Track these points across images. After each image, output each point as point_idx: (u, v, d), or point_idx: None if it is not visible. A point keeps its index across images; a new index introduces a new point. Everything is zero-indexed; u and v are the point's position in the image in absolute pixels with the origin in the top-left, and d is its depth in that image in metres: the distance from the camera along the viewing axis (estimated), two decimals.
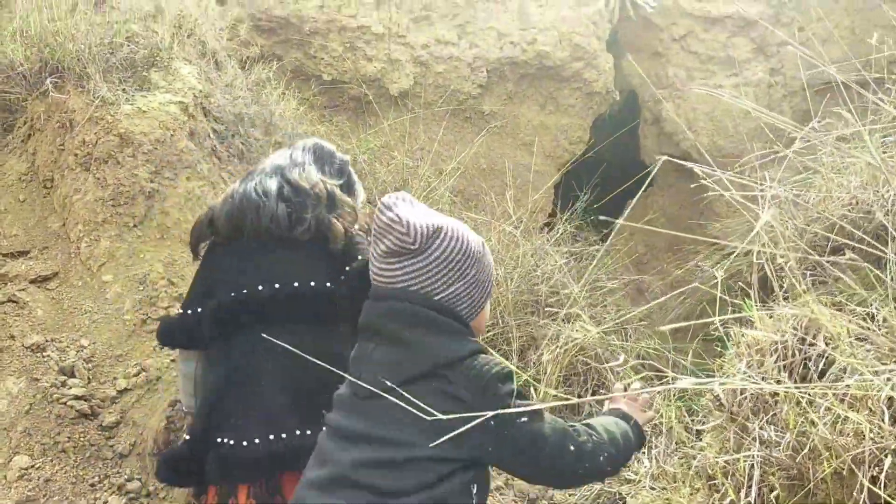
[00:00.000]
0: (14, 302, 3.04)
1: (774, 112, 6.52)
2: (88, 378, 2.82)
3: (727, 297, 4.34)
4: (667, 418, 2.76)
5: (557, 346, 3.57)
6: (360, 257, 2.06)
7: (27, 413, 2.61)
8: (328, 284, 2.06)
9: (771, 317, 2.08)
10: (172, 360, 2.92)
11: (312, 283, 2.05)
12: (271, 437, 1.91)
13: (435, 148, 5.52)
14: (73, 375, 2.76)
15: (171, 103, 3.60)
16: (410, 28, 5.96)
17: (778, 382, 1.83)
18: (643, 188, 3.32)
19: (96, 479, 2.54)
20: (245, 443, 1.92)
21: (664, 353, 3.81)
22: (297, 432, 1.93)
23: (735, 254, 4.07)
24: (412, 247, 1.58)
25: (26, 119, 3.63)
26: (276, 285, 2.02)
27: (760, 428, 1.76)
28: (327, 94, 5.69)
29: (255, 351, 1.99)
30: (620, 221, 2.49)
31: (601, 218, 3.10)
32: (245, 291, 2.03)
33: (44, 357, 2.79)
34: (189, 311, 2.13)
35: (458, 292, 1.63)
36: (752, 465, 1.68)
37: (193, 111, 3.70)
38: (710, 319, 2.09)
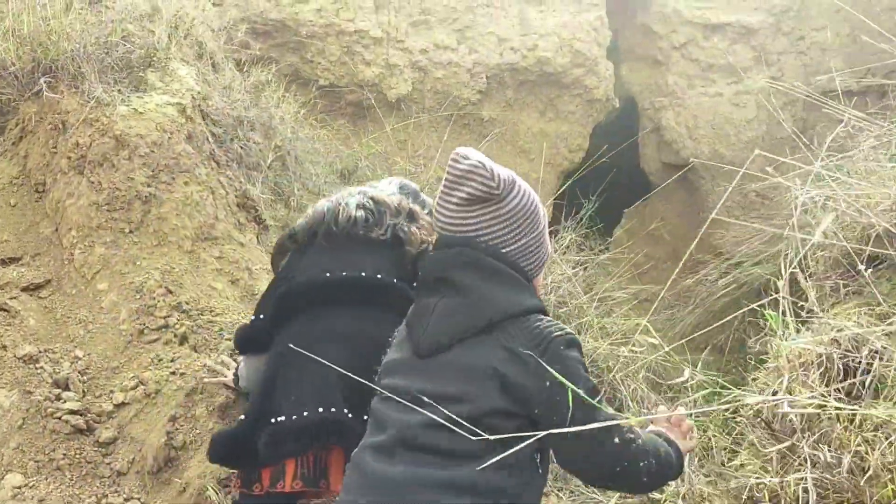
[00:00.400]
0: (5, 311, 2.89)
1: (774, 120, 6.50)
2: (83, 391, 2.67)
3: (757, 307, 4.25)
4: (706, 436, 2.65)
5: None
6: None
7: (20, 428, 2.47)
8: (395, 281, 2.13)
9: (809, 329, 1.98)
10: (172, 373, 2.78)
11: (379, 276, 2.12)
12: (320, 409, 1.92)
13: (433, 154, 5.42)
14: (67, 388, 2.61)
15: (169, 105, 3.47)
16: (409, 33, 5.87)
17: (823, 397, 1.73)
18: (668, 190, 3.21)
19: (93, 498, 2.39)
20: (294, 416, 1.94)
21: (681, 364, 3.70)
22: (346, 410, 1.95)
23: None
24: (496, 192, 1.56)
25: (18, 121, 3.49)
26: (343, 273, 2.10)
27: (813, 448, 1.65)
28: (324, 99, 5.57)
29: (312, 332, 2.04)
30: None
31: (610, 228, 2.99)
32: (312, 277, 2.11)
33: (37, 369, 2.65)
34: (261, 316, 2.23)
35: (527, 246, 1.62)
36: (806, 488, 1.57)
37: (191, 113, 3.57)
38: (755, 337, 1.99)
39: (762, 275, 4.25)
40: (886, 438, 1.56)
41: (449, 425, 1.46)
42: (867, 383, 1.72)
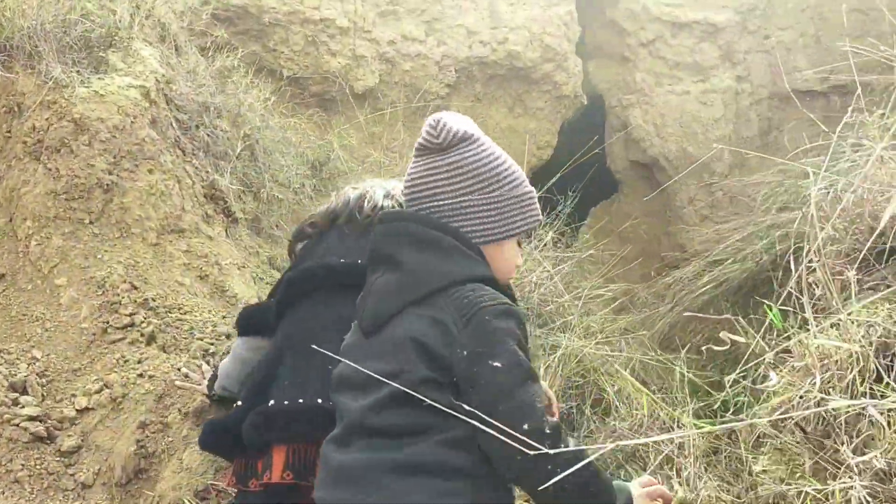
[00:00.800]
0: None
1: (741, 120, 6.52)
2: (43, 395, 2.44)
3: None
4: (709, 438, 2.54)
5: (555, 357, 3.35)
6: None
7: None
8: None
9: (834, 326, 1.89)
10: (139, 376, 2.57)
11: None
12: (319, 400, 1.81)
13: (402, 150, 5.26)
14: (25, 392, 2.38)
15: (132, 87, 3.24)
16: (376, 23, 5.69)
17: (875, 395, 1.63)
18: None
19: None
20: (287, 402, 1.83)
21: (669, 364, 3.62)
22: None
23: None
24: (435, 141, 1.52)
25: None
26: (359, 261, 1.94)
27: (861, 453, 1.55)
28: (287, 89, 5.35)
29: (319, 318, 1.94)
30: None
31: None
32: (325, 262, 2.00)
33: None
34: (272, 299, 2.13)
35: (470, 206, 1.51)
36: (856, 497, 1.46)
37: (155, 97, 3.34)
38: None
39: (742, 272, 4.21)
40: None
41: (392, 401, 1.40)
42: None
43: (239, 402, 1.98)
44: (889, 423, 1.54)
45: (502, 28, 5.88)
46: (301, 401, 1.83)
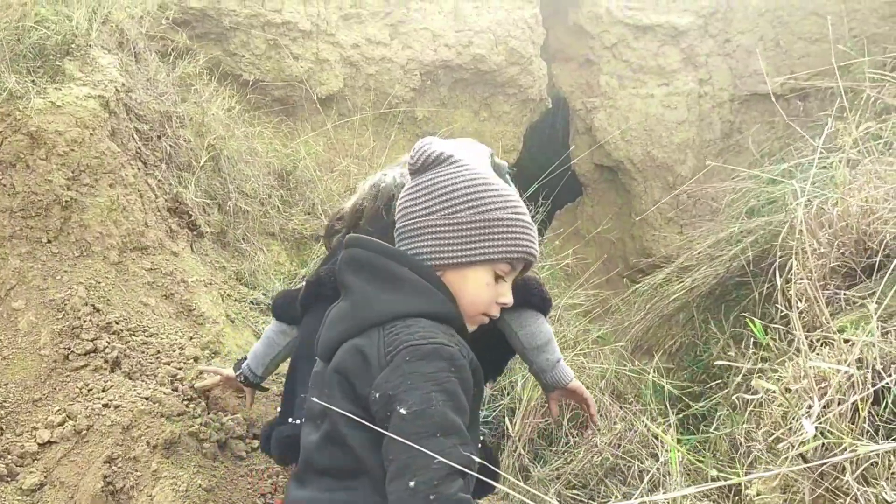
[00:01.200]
0: None
1: (704, 122, 6.57)
2: (2, 429, 2.30)
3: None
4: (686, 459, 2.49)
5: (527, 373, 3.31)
6: None
7: None
8: None
9: (826, 345, 1.86)
10: (105, 405, 2.44)
11: None
12: None
13: (369, 155, 5.16)
14: None
15: (90, 98, 3.09)
16: (340, 26, 5.57)
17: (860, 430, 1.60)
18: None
19: None
20: (300, 421, 1.81)
21: (644, 373, 3.60)
22: None
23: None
24: (412, 164, 1.52)
25: None
26: None
27: (865, 483, 1.52)
28: (251, 95, 5.21)
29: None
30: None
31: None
32: (332, 267, 1.91)
33: None
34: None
35: (429, 226, 1.44)
36: None
37: (115, 107, 3.20)
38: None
39: (713, 278, 4.21)
40: None
41: (328, 440, 1.37)
42: None
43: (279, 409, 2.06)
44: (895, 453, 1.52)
45: (467, 31, 5.82)
46: None
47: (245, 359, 2.38)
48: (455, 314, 1.44)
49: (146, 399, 2.44)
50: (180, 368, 2.65)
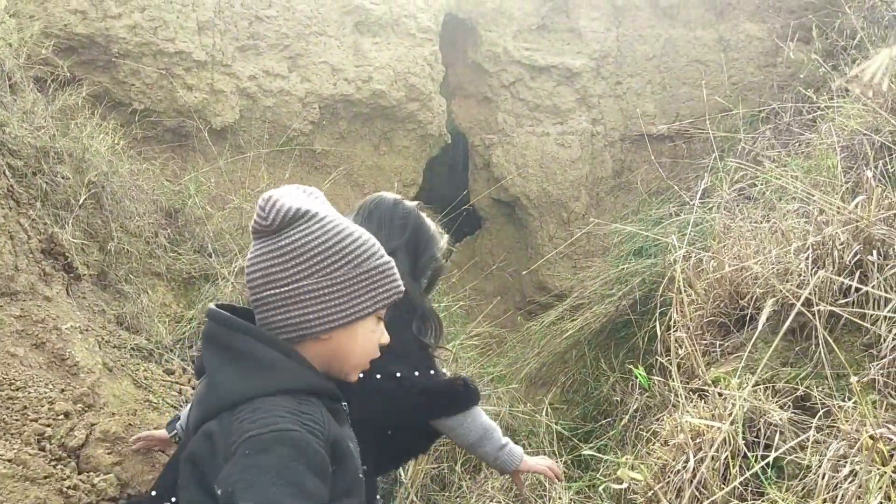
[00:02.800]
0: None
1: (596, 161, 6.79)
2: None
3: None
4: None
5: None
6: None
7: None
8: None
9: (700, 396, 1.93)
10: None
11: None
12: None
13: (259, 189, 5.05)
14: None
15: None
16: (236, 57, 5.47)
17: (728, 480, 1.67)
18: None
19: None
20: None
21: (536, 415, 3.64)
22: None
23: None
24: (264, 223, 1.40)
25: None
26: None
27: None
28: (140, 124, 5.02)
29: None
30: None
31: None
32: None
33: None
34: None
35: (308, 291, 1.38)
36: None
37: None
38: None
39: (603, 316, 4.33)
40: None
41: None
42: (771, 462, 1.69)
43: None
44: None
45: (367, 67, 5.82)
46: None
47: (178, 418, 2.33)
48: (317, 383, 1.38)
49: (9, 461, 2.27)
50: (49, 425, 2.48)
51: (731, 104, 5.64)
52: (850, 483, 1.51)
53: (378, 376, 1.98)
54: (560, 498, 2.96)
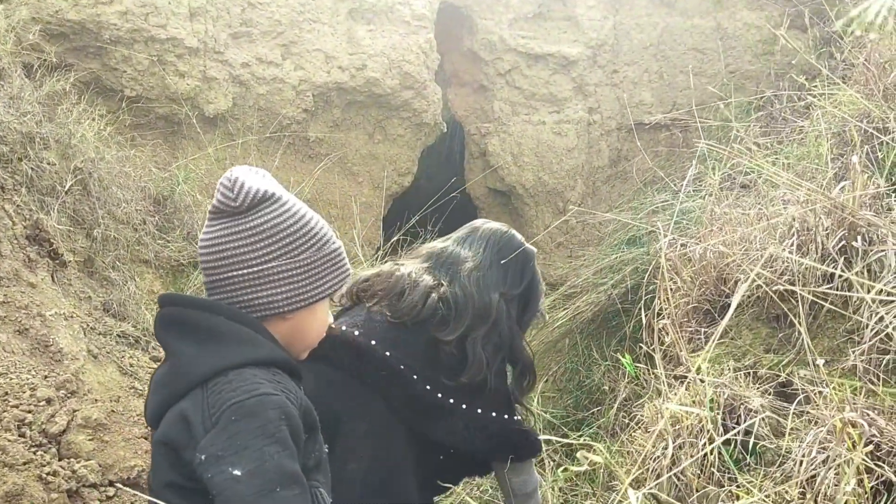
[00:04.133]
0: None
1: (593, 150, 6.76)
2: None
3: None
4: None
5: None
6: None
7: None
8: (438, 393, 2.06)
9: (684, 385, 1.91)
10: None
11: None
12: None
13: None
14: None
15: None
16: (229, 44, 5.44)
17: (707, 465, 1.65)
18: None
19: None
20: None
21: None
22: None
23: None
24: (233, 204, 1.41)
25: None
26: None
27: None
28: (131, 112, 4.99)
29: None
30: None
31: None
32: None
33: None
34: None
35: (276, 272, 1.42)
36: None
37: None
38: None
39: (595, 305, 4.31)
40: None
41: None
42: (750, 447, 1.68)
43: None
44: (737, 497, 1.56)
45: (361, 54, 5.78)
46: None
47: None
48: (282, 357, 1.40)
49: None
50: (29, 412, 2.47)
51: (728, 93, 5.60)
52: (828, 470, 1.50)
53: (479, 411, 2.10)
54: (552, 488, 2.96)
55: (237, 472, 1.20)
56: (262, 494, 1.19)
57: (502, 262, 2.21)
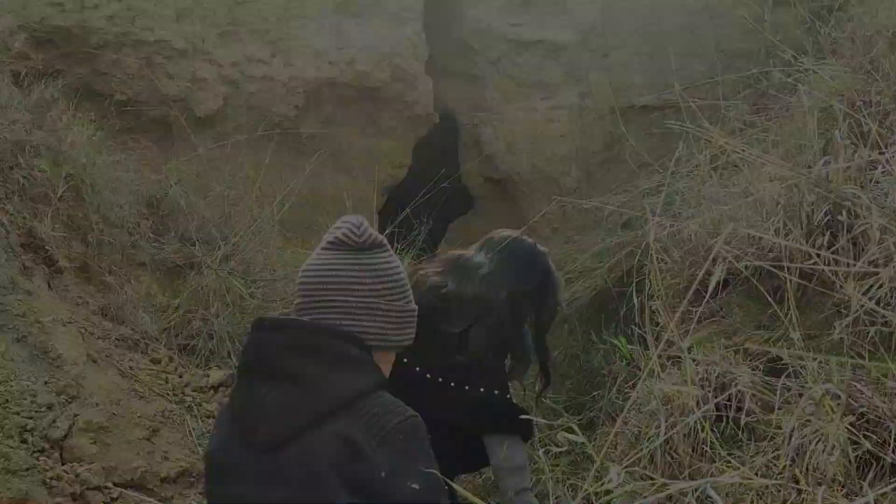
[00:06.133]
0: None
1: (586, 135, 6.74)
2: None
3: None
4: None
5: None
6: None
7: None
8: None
9: (676, 365, 1.93)
10: None
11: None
12: None
13: (250, 174, 5.03)
14: None
15: None
16: (217, 44, 5.44)
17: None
18: None
19: None
20: None
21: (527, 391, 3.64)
22: None
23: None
24: (357, 240, 1.53)
25: None
26: None
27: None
28: (121, 116, 4.99)
29: None
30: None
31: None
32: None
33: None
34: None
35: (377, 308, 1.53)
36: None
37: None
38: None
39: (592, 290, 4.33)
40: None
41: None
42: (741, 425, 1.70)
43: None
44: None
45: (350, 49, 5.78)
46: None
47: None
48: (386, 382, 1.52)
49: None
50: (31, 418, 2.49)
51: (719, 72, 5.58)
52: (814, 443, 1.52)
53: (466, 388, 2.21)
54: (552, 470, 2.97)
55: (415, 487, 1.34)
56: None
57: (510, 262, 2.37)
